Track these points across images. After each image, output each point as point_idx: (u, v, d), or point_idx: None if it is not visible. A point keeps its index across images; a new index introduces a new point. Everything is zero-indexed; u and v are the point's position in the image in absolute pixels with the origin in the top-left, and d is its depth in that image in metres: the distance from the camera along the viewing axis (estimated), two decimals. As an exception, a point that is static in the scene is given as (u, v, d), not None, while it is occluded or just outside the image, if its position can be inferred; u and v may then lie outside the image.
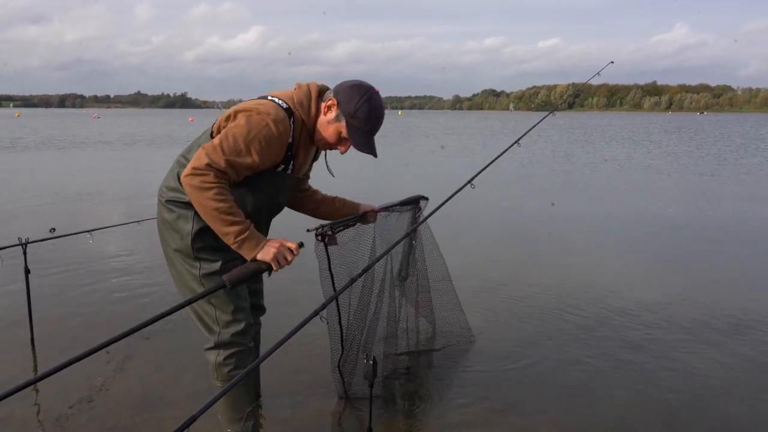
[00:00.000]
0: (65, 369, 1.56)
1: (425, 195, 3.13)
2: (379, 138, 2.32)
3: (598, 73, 3.70)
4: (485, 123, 57.76)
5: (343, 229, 2.63)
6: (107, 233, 5.56)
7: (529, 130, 3.48)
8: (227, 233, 2.08)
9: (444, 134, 34.42)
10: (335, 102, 2.20)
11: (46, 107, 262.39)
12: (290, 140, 2.20)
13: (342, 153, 2.34)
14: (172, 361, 3.35)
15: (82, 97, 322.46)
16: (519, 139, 3.33)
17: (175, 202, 2.23)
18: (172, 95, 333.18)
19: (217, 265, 2.24)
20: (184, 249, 2.23)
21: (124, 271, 5.19)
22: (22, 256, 3.44)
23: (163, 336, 3.68)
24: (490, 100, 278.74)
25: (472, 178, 2.97)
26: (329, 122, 2.22)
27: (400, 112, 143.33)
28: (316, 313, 1.99)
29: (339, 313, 2.73)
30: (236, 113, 2.14)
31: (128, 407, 2.84)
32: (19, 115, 73.54)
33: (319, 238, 2.51)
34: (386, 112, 2.36)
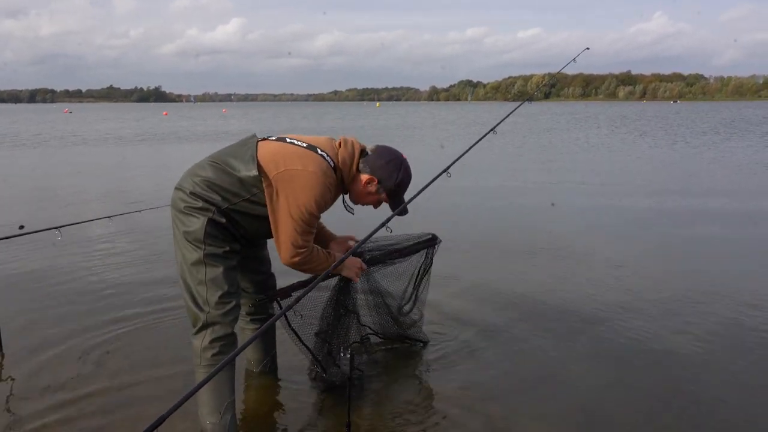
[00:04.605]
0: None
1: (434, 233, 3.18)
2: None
3: (573, 59, 3.69)
4: (438, 115, 57.97)
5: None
6: (78, 229, 5.45)
7: (504, 119, 3.48)
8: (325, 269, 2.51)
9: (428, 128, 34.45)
10: (376, 180, 2.54)
11: (16, 102, 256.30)
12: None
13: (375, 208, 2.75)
14: (147, 359, 3.28)
15: (53, 91, 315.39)
16: (495, 127, 3.31)
17: (201, 197, 2.40)
18: (145, 89, 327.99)
19: (220, 250, 2.41)
20: (195, 233, 2.39)
21: (95, 268, 5.09)
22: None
23: (137, 334, 3.60)
24: (467, 91, 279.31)
25: (448, 167, 2.94)
26: (369, 193, 2.58)
27: (378, 104, 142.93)
28: (289, 307, 1.98)
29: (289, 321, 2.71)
30: (291, 172, 2.35)
31: (101, 407, 2.77)
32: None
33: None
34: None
